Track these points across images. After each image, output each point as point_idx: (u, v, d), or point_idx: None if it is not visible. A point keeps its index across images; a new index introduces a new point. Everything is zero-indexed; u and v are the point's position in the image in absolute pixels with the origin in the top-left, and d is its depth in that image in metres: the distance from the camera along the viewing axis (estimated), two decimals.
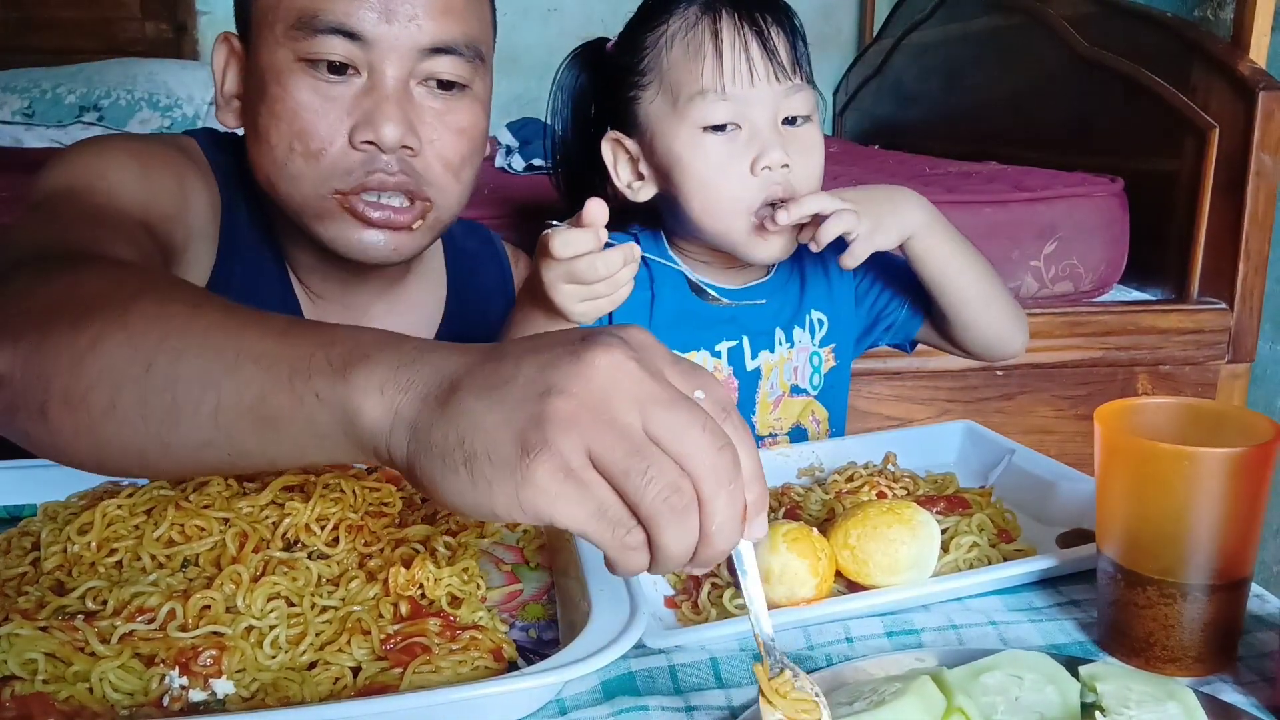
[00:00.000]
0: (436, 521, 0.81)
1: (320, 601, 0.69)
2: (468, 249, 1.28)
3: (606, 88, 1.19)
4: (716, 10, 1.09)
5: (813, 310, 1.23)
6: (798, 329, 1.22)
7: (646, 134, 1.13)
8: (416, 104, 0.98)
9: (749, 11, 1.08)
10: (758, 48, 1.08)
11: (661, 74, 1.11)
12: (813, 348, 1.23)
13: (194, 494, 0.76)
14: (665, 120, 1.11)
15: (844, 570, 0.76)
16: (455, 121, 1.01)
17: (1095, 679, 0.62)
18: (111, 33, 3.08)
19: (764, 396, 1.21)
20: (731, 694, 0.66)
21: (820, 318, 1.24)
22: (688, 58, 1.09)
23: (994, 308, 1.16)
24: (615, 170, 1.18)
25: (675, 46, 1.10)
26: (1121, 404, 0.72)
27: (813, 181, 1.12)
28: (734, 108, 1.08)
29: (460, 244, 1.27)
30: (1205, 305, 1.83)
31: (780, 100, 1.09)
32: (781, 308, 1.21)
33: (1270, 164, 1.75)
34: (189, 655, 0.62)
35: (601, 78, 1.21)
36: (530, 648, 0.70)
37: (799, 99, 1.10)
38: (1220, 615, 0.66)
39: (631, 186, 1.19)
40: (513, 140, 2.33)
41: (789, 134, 1.10)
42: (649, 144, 1.14)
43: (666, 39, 1.11)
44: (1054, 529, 0.85)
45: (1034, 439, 1.52)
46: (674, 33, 1.10)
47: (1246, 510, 0.65)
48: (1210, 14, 2.03)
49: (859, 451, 1.00)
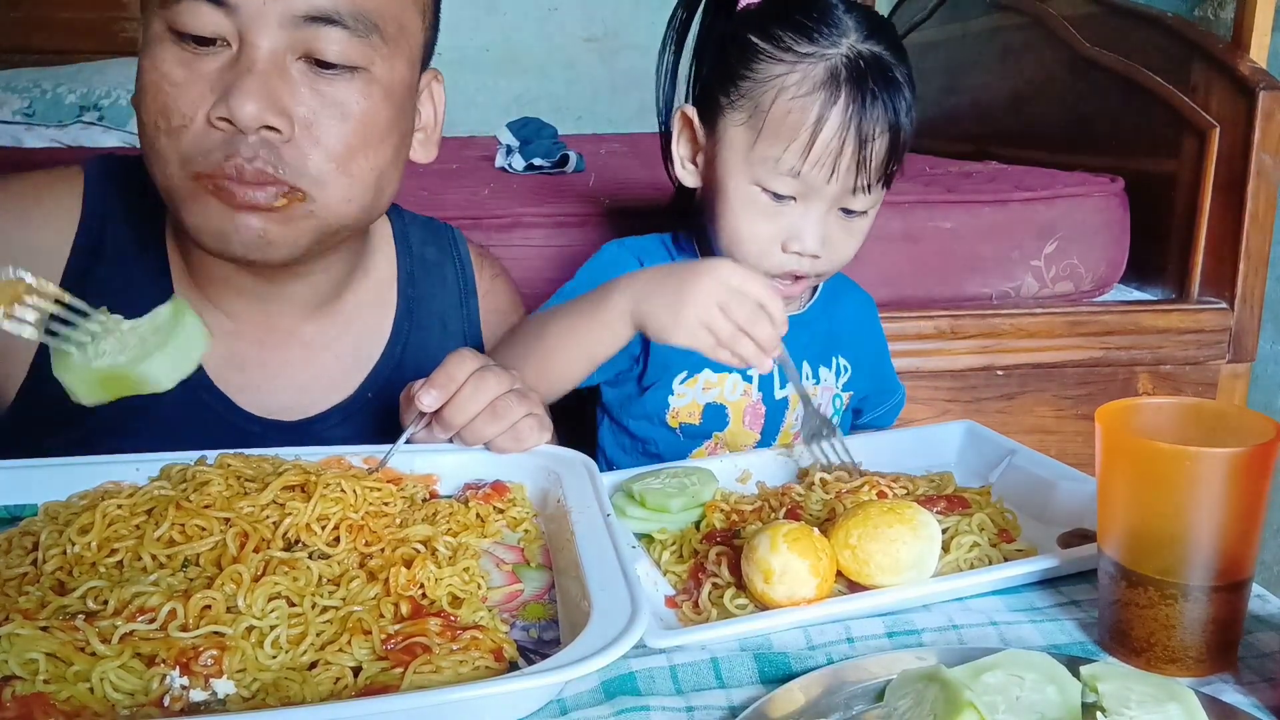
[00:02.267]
0: (437, 521, 0.81)
1: (321, 601, 0.69)
2: (426, 258, 1.18)
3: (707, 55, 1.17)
4: (836, 93, 1.04)
5: (840, 355, 1.25)
6: (824, 368, 1.23)
7: (715, 139, 1.12)
8: (292, 81, 0.87)
9: (860, 118, 1.04)
10: (852, 153, 1.05)
11: (755, 110, 1.08)
12: (836, 389, 1.24)
13: (194, 494, 0.76)
14: (735, 149, 1.10)
15: (845, 570, 0.76)
16: (341, 105, 0.89)
17: (1096, 679, 0.62)
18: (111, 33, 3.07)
19: (788, 427, 1.22)
20: (732, 694, 0.66)
21: (845, 364, 1.25)
22: (785, 122, 1.05)
23: None
24: (677, 143, 1.18)
25: (780, 100, 1.06)
26: (1122, 404, 0.72)
27: (838, 266, 1.14)
28: (799, 186, 1.07)
29: (417, 252, 1.17)
30: (1206, 305, 1.83)
31: (846, 195, 1.08)
32: (811, 343, 1.22)
33: (1271, 164, 1.75)
34: (190, 655, 0.62)
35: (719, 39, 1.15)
36: (531, 648, 0.70)
37: (866, 199, 1.09)
38: (1221, 615, 0.66)
39: (685, 166, 1.19)
40: (513, 140, 2.33)
41: (838, 221, 1.10)
42: (712, 149, 1.13)
43: (778, 86, 1.06)
44: (1055, 529, 0.85)
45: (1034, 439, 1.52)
46: (786, 86, 1.05)
47: (1247, 510, 0.65)
48: (1210, 14, 2.03)
49: (859, 451, 1.00)
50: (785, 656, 0.69)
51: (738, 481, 0.97)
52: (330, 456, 0.88)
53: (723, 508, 0.86)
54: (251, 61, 0.85)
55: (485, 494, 0.86)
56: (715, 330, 0.94)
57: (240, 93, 0.84)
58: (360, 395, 1.08)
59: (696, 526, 0.87)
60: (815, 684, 0.64)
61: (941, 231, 1.77)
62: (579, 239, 1.70)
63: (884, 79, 1.06)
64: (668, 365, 1.18)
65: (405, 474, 0.89)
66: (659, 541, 0.85)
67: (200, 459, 0.84)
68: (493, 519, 0.84)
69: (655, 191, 1.89)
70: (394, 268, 1.14)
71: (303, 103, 0.88)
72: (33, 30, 3.04)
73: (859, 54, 1.05)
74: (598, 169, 2.24)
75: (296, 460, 0.84)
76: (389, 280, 1.14)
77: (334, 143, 0.90)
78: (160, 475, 0.82)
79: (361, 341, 1.10)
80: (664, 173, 1.23)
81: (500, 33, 3.32)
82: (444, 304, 1.17)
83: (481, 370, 0.89)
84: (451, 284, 1.19)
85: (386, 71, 0.92)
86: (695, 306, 0.94)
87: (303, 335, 1.06)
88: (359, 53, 0.89)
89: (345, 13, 0.87)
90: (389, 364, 1.10)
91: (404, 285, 1.14)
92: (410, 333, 1.12)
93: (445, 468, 0.91)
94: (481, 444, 0.91)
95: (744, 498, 0.90)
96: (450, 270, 1.19)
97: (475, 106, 3.31)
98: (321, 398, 1.07)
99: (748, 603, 0.76)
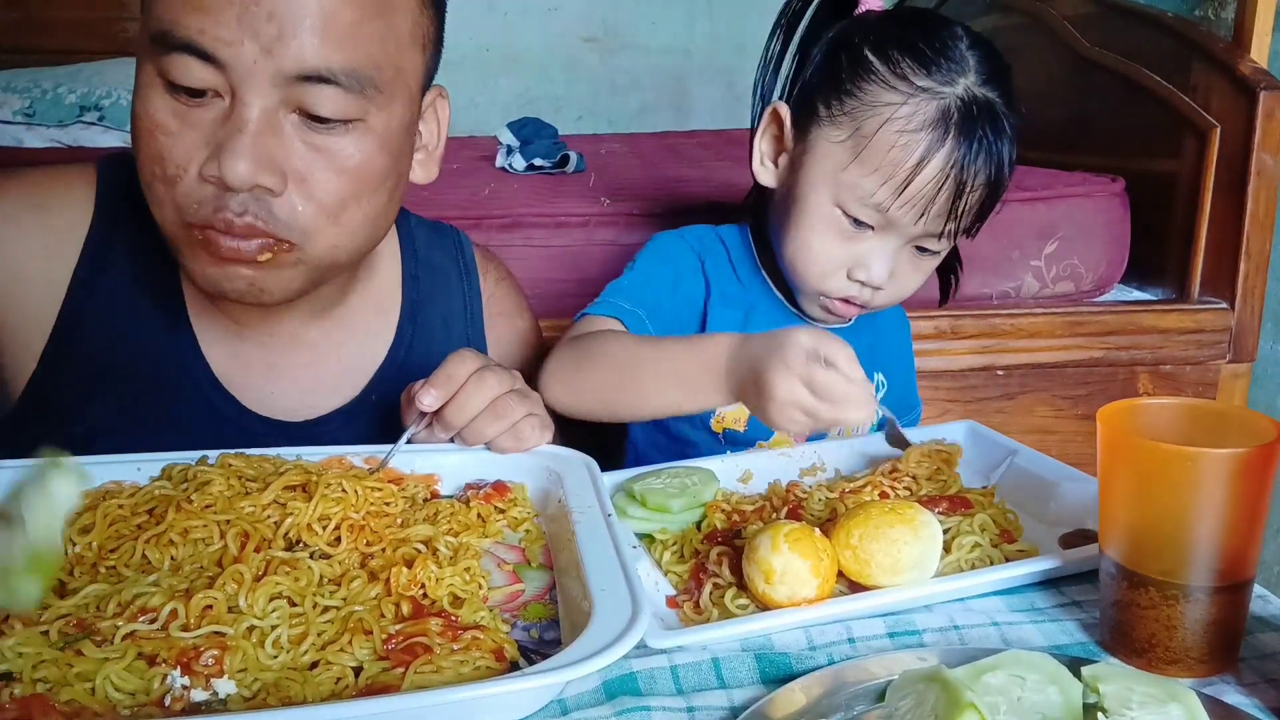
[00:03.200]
0: (438, 521, 0.81)
1: (322, 601, 0.69)
2: (431, 261, 1.17)
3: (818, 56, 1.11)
4: (944, 136, 1.00)
5: (878, 369, 1.22)
6: None
7: (804, 146, 1.08)
8: (285, 136, 0.85)
9: (962, 166, 1.01)
10: (946, 201, 1.02)
11: (855, 129, 1.03)
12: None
13: (195, 493, 0.76)
14: (825, 166, 1.06)
15: (846, 570, 0.76)
16: (336, 160, 0.88)
17: (1097, 680, 0.62)
18: (111, 33, 3.07)
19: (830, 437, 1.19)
20: (733, 694, 0.66)
21: (882, 379, 1.23)
22: (886, 152, 1.01)
23: None
24: (761, 137, 1.14)
25: (886, 128, 1.01)
26: (1124, 404, 0.72)
27: (896, 301, 1.13)
28: (882, 220, 1.04)
29: (423, 255, 1.16)
30: (1206, 305, 1.83)
31: (928, 237, 1.06)
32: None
33: (1271, 163, 1.75)
34: (191, 655, 0.62)
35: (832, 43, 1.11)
36: (532, 648, 0.70)
37: (944, 243, 1.07)
38: (1223, 616, 0.66)
39: (764, 164, 1.15)
40: (513, 140, 2.33)
41: (909, 257, 1.08)
42: (799, 155, 1.09)
43: (887, 112, 1.01)
44: (1056, 529, 0.85)
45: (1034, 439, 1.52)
46: (896, 117, 1.01)
47: (1249, 511, 0.65)
48: (1210, 14, 2.03)
49: (861, 451, 1.00)
50: (786, 657, 0.69)
51: (739, 481, 0.96)
52: (331, 456, 0.88)
53: (724, 508, 0.86)
54: (243, 120, 0.83)
55: (486, 494, 0.86)
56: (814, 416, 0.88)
57: (231, 154, 0.82)
58: (364, 398, 1.08)
59: (698, 526, 0.87)
60: (816, 684, 0.64)
61: None
62: (579, 239, 1.70)
63: (994, 128, 1.02)
64: None
65: (406, 474, 0.89)
66: (660, 541, 0.85)
67: (201, 459, 0.84)
68: (494, 519, 0.84)
69: (655, 191, 1.89)
70: (398, 270, 1.14)
71: (296, 156, 0.86)
72: (33, 30, 3.04)
73: (974, 98, 1.02)
74: (598, 169, 2.24)
75: (298, 460, 0.84)
76: (393, 283, 1.13)
77: (327, 195, 0.88)
78: (161, 475, 0.82)
79: (365, 345, 1.09)
80: (663, 172, 1.22)
81: (500, 33, 3.32)
82: (448, 307, 1.16)
83: (482, 370, 0.89)
84: (455, 287, 1.18)
85: (383, 120, 0.90)
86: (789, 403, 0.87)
87: (307, 338, 1.06)
88: (353, 107, 0.87)
89: (338, 71, 0.84)
90: (392, 367, 1.09)
91: (408, 288, 1.13)
92: (413, 336, 1.12)
93: (446, 468, 0.91)
94: (482, 444, 0.91)
95: (745, 498, 0.90)
96: (454, 273, 1.18)
97: (475, 106, 3.31)
98: (325, 400, 1.07)
99: (749, 603, 0.75)
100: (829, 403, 0.86)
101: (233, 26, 0.81)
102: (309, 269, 0.92)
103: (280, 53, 0.82)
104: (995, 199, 1.06)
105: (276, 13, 0.81)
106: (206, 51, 0.81)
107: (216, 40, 0.81)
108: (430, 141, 1.03)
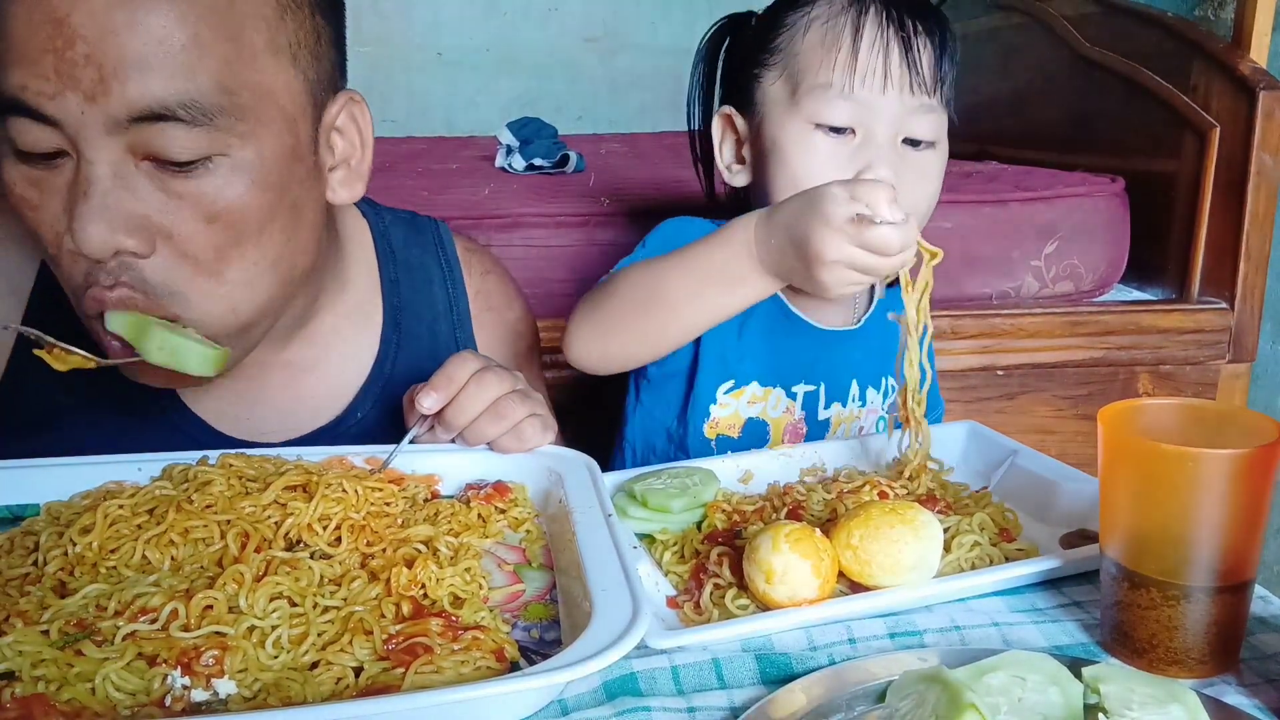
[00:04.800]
0: (439, 522, 0.81)
1: (322, 602, 0.69)
2: (410, 261, 1.09)
3: (736, 61, 1.14)
4: (865, 3, 1.02)
5: (890, 375, 1.18)
6: (872, 389, 1.17)
7: (757, 116, 1.07)
8: (139, 189, 0.76)
9: (899, 13, 1.01)
10: (899, 53, 1.00)
11: (790, 56, 1.04)
12: (881, 411, 1.19)
13: (196, 494, 0.76)
14: (780, 105, 1.05)
15: (846, 571, 0.76)
16: (201, 206, 0.78)
17: (1098, 680, 0.62)
18: None
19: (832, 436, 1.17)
20: (734, 694, 0.66)
21: (895, 385, 1.18)
22: (822, 46, 1.02)
23: None
24: (720, 149, 1.13)
25: (812, 31, 1.03)
26: (1125, 405, 0.72)
27: (920, 214, 1.04)
28: (855, 111, 1.01)
29: (401, 256, 1.08)
30: (1206, 305, 1.83)
31: (907, 116, 1.02)
32: (864, 361, 1.16)
33: (1271, 163, 1.75)
34: (191, 655, 0.62)
35: (734, 51, 1.16)
36: (532, 648, 0.70)
37: (928, 121, 1.03)
38: (1224, 617, 0.66)
39: (731, 169, 1.14)
40: (513, 140, 2.33)
41: (905, 155, 1.03)
42: (757, 126, 1.08)
43: (805, 21, 1.04)
44: (1057, 530, 0.85)
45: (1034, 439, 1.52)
46: (815, 17, 1.03)
47: (1250, 512, 0.65)
48: (1210, 13, 2.03)
49: (863, 451, 1.00)
50: (787, 657, 0.69)
51: (739, 482, 0.96)
52: (332, 457, 0.88)
53: (724, 508, 0.86)
54: (88, 181, 0.74)
55: (487, 494, 0.86)
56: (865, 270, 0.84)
57: (80, 220, 0.74)
58: (350, 414, 1.03)
59: (698, 527, 0.87)
60: (817, 685, 0.64)
61: (942, 231, 1.77)
62: (579, 239, 1.70)
63: None
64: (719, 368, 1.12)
65: (407, 474, 0.88)
66: (660, 542, 0.85)
67: (202, 459, 0.84)
68: (494, 519, 0.83)
69: (655, 191, 1.89)
70: (375, 275, 1.06)
71: (157, 210, 0.77)
72: None
73: None
74: (598, 169, 2.24)
75: (299, 460, 0.84)
76: (371, 289, 1.06)
77: (200, 249, 0.79)
78: (162, 475, 0.82)
79: (346, 361, 1.03)
80: (663, 172, 1.22)
81: (500, 33, 3.32)
82: (433, 309, 1.10)
83: (482, 371, 0.89)
84: (439, 286, 1.11)
85: (251, 152, 0.79)
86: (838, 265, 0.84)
87: (281, 361, 0.99)
88: (208, 142, 0.76)
89: (175, 105, 0.74)
90: (378, 382, 1.04)
91: (388, 294, 1.06)
92: (399, 346, 1.06)
93: (447, 468, 0.91)
94: (484, 444, 0.91)
95: (746, 498, 0.90)
96: (436, 271, 1.12)
97: (475, 106, 3.31)
98: (308, 419, 1.02)
99: (749, 603, 0.75)
100: (882, 255, 0.83)
101: (51, 78, 0.72)
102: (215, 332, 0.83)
103: (104, 98, 0.73)
104: (946, 43, 1.04)
105: (94, 55, 0.72)
106: (33, 109, 0.73)
107: (39, 95, 0.73)
108: (350, 155, 0.92)
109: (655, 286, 0.95)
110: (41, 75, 0.72)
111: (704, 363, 1.13)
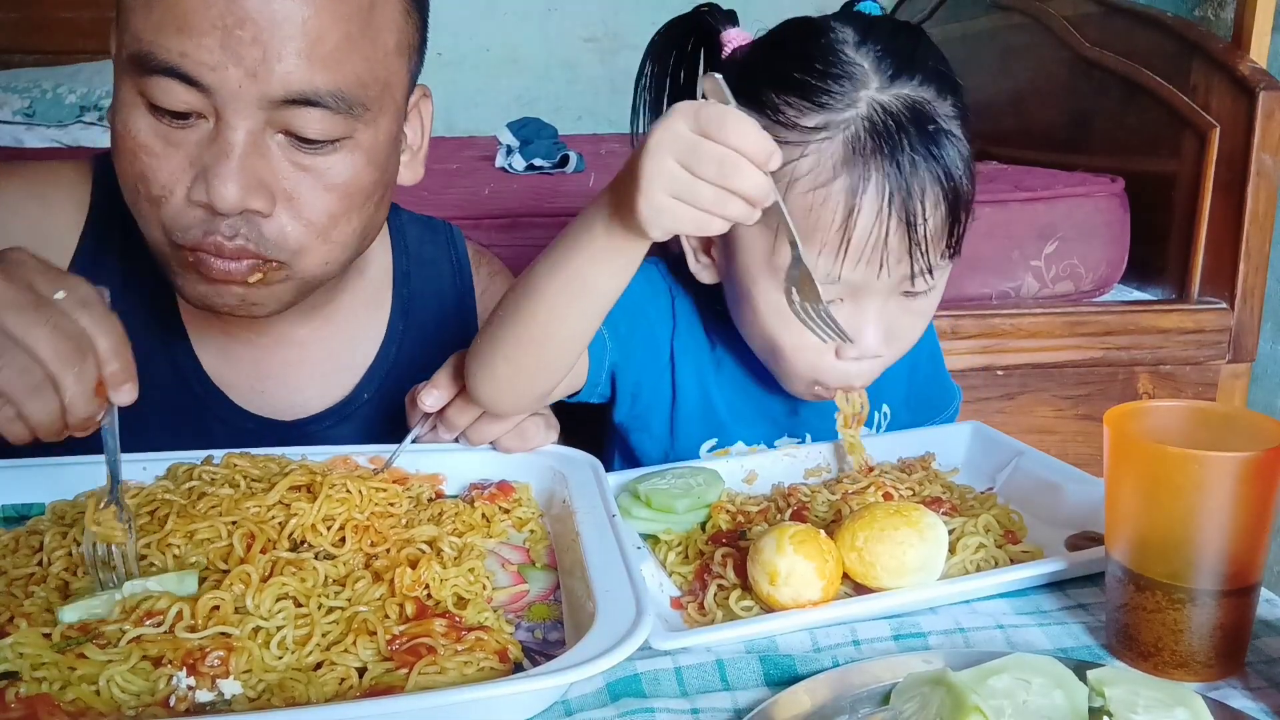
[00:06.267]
0: (442, 522, 0.81)
1: (327, 602, 0.69)
2: (423, 257, 1.15)
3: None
4: (865, 172, 0.82)
5: (884, 404, 1.07)
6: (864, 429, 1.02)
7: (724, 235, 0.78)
8: (272, 157, 0.84)
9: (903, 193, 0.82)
10: (901, 240, 0.83)
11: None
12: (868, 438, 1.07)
13: (200, 500, 0.76)
14: (753, 254, 0.88)
15: (851, 573, 0.76)
16: (324, 178, 0.87)
17: (1103, 683, 0.62)
18: None
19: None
20: (737, 696, 0.66)
21: (888, 411, 1.08)
22: (806, 214, 0.84)
23: None
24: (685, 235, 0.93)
25: (796, 191, 0.84)
26: (1130, 407, 0.71)
27: (905, 353, 0.94)
28: (843, 289, 0.87)
29: (414, 251, 1.14)
30: (1206, 305, 1.84)
31: (905, 282, 0.88)
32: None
33: (1271, 163, 1.75)
34: (196, 656, 0.62)
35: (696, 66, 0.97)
36: (536, 648, 0.70)
37: (930, 277, 0.88)
38: (1229, 620, 0.66)
39: (699, 259, 0.97)
40: (513, 140, 2.33)
41: (900, 307, 0.90)
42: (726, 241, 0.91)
43: (788, 177, 0.84)
44: (1062, 532, 0.85)
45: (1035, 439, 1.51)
46: (801, 174, 0.84)
47: (1256, 514, 0.65)
48: (1210, 14, 2.03)
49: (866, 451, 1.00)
50: (791, 659, 0.69)
51: (744, 482, 0.96)
52: (336, 457, 0.88)
53: (729, 509, 0.86)
54: (229, 145, 0.82)
55: (491, 494, 0.86)
56: (692, 200, 0.70)
57: (219, 178, 0.81)
58: (356, 396, 1.07)
59: (702, 527, 0.87)
60: (821, 687, 0.64)
61: None
62: None
63: (923, 132, 0.84)
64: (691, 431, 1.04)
65: (411, 474, 0.88)
66: (664, 542, 0.85)
67: (207, 458, 0.84)
68: (498, 519, 0.83)
69: None
70: (389, 267, 1.12)
71: (284, 177, 0.85)
72: (33, 30, 3.03)
73: (884, 109, 0.84)
74: (598, 169, 2.24)
75: (303, 460, 0.84)
76: (384, 279, 1.11)
77: (316, 214, 0.87)
78: (166, 475, 0.82)
79: (356, 343, 1.08)
80: None
81: (500, 33, 3.31)
82: (440, 303, 1.14)
83: None
84: (448, 282, 1.16)
85: (370, 136, 0.89)
86: (656, 181, 0.70)
87: (296, 337, 1.05)
88: (341, 127, 0.85)
89: (324, 93, 0.83)
90: (384, 365, 1.09)
91: (399, 284, 1.12)
92: (405, 333, 1.10)
93: (451, 468, 0.91)
94: (487, 444, 0.91)
95: (750, 499, 0.90)
96: (447, 268, 1.17)
97: (475, 106, 3.31)
98: (317, 398, 1.06)
99: (753, 604, 0.75)
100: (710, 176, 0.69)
101: (216, 51, 0.79)
102: (299, 283, 0.92)
103: (265, 77, 0.80)
104: (960, 207, 0.87)
105: (261, 37, 0.79)
106: (190, 76, 0.80)
107: (200, 65, 0.79)
108: (415, 143, 1.02)
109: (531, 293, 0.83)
110: (207, 48, 0.79)
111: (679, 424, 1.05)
